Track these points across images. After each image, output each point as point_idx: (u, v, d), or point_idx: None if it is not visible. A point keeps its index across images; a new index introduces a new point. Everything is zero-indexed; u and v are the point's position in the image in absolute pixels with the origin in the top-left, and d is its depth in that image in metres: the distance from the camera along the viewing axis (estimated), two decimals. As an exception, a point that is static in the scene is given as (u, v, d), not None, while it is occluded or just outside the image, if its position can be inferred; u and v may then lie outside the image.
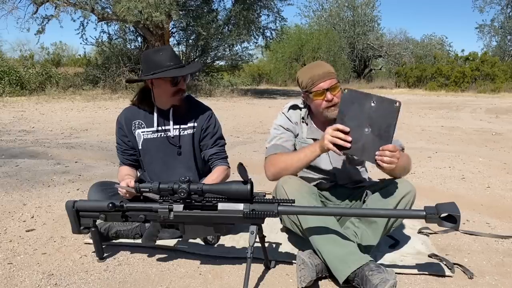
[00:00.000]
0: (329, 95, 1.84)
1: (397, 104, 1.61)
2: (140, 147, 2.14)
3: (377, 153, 1.61)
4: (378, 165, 1.63)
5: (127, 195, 1.85)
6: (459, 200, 2.42)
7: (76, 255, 1.91)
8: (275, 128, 2.01)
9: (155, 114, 2.10)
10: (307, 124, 2.01)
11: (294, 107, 2.02)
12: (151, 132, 2.11)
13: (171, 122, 2.10)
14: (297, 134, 2.01)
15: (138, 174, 2.21)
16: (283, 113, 2.04)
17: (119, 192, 1.89)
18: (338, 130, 1.65)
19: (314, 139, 1.96)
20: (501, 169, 4.00)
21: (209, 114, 2.17)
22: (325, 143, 1.67)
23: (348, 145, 1.65)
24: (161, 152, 2.12)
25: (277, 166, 1.88)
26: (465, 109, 11.34)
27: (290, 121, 2.00)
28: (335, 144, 1.66)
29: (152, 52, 2.09)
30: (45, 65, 15.08)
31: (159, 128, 2.11)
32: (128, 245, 2.00)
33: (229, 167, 2.18)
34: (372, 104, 1.64)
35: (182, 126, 2.11)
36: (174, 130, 2.11)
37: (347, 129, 1.65)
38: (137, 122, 2.13)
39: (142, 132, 2.12)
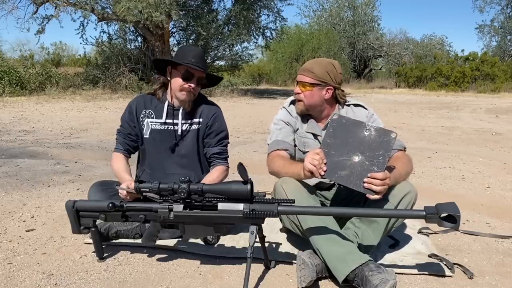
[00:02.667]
0: (296, 88, 1.99)
1: (394, 135, 1.65)
2: (146, 136, 2.15)
3: (365, 180, 1.59)
4: (365, 194, 1.61)
5: (128, 197, 1.85)
6: (459, 200, 2.41)
7: (76, 255, 1.91)
8: (275, 123, 2.04)
9: (166, 107, 2.12)
10: (307, 119, 2.02)
11: (296, 102, 2.04)
12: (159, 124, 2.13)
13: (180, 116, 2.11)
14: (297, 129, 2.03)
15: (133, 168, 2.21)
16: (284, 107, 2.07)
17: (119, 194, 1.89)
18: (317, 154, 1.64)
19: (314, 134, 1.99)
20: (501, 169, 4.00)
21: (216, 112, 2.18)
22: (305, 164, 1.67)
23: (322, 172, 1.63)
24: (165, 144, 2.13)
25: (272, 167, 1.94)
26: (465, 109, 11.35)
27: (290, 115, 2.03)
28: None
29: (187, 46, 2.11)
30: (45, 65, 15.08)
31: (168, 120, 2.12)
32: (128, 245, 2.00)
33: (228, 167, 2.19)
34: (366, 133, 1.66)
35: (189, 121, 2.13)
36: (182, 124, 2.12)
37: (323, 157, 1.63)
38: (148, 111, 2.14)
39: (150, 122, 2.14)
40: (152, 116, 2.14)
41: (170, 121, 2.12)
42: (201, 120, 2.15)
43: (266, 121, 7.53)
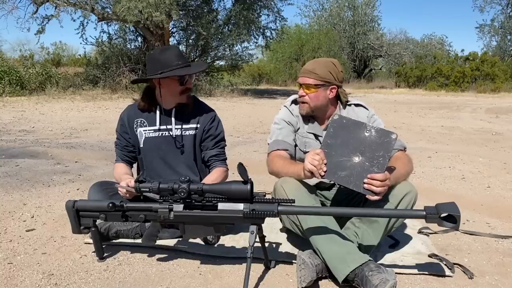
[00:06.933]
0: (300, 91, 1.95)
1: (394, 136, 1.65)
2: (141, 146, 2.14)
3: (365, 181, 1.59)
4: (365, 195, 1.61)
5: (127, 195, 1.85)
6: (459, 200, 2.41)
7: (76, 255, 1.91)
8: (276, 122, 2.03)
9: (158, 113, 2.11)
10: (308, 119, 2.01)
11: (297, 101, 2.03)
12: (153, 131, 2.12)
13: (173, 122, 2.11)
14: (298, 128, 2.02)
15: (133, 173, 2.21)
16: (285, 106, 2.06)
17: (119, 192, 1.89)
18: (318, 154, 1.64)
19: (315, 134, 1.99)
20: (501, 169, 4.00)
21: (212, 116, 2.18)
22: (305, 164, 1.67)
23: (322, 173, 1.63)
24: (162, 151, 2.12)
25: (272, 167, 1.94)
26: (465, 109, 11.35)
27: (292, 114, 2.02)
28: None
29: (159, 51, 2.09)
30: (45, 65, 15.04)
31: (161, 127, 2.11)
32: (128, 245, 2.00)
33: (227, 169, 2.19)
34: (367, 134, 1.66)
35: (184, 126, 2.12)
36: (176, 129, 2.11)
37: (323, 158, 1.63)
38: (139, 121, 2.13)
39: (144, 130, 2.12)
40: (144, 124, 2.12)
41: (164, 127, 2.11)
42: (198, 125, 2.13)
43: (266, 121, 7.53)
